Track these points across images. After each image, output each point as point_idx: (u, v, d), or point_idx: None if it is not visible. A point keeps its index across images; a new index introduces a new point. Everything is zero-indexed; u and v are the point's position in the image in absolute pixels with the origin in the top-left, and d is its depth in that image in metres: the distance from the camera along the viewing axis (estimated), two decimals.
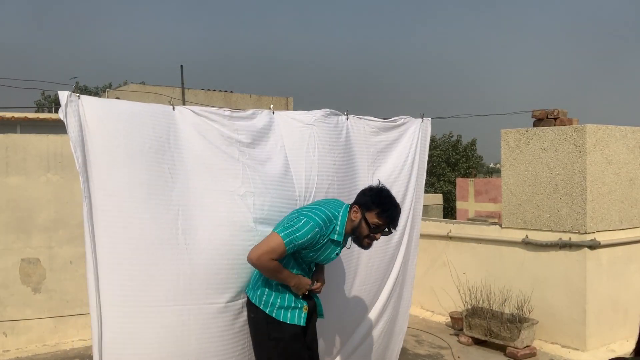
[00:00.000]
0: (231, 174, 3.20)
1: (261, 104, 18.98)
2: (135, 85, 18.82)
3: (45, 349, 5.55)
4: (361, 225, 2.98)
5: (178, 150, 3.12)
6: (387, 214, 2.97)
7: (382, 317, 4.06)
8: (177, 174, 3.10)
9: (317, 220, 2.91)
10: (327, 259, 3.08)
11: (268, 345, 3.01)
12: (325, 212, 2.98)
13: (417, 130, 4.10)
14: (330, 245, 3.01)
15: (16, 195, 5.50)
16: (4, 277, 5.48)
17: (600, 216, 5.47)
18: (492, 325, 5.49)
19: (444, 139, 26.59)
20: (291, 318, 3.00)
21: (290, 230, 2.88)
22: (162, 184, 3.04)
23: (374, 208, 2.96)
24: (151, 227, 2.98)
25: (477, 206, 14.40)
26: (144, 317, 2.97)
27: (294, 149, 3.42)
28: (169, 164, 3.08)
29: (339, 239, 2.98)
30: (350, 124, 3.80)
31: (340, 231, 2.98)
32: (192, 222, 3.07)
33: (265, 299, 3.01)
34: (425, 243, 6.75)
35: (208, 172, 3.17)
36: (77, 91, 2.98)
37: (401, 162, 4.00)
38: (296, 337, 3.02)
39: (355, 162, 3.76)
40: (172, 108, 3.19)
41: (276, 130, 3.48)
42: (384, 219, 2.96)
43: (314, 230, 2.88)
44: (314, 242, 2.91)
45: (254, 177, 3.24)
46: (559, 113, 5.97)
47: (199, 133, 3.20)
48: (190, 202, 3.09)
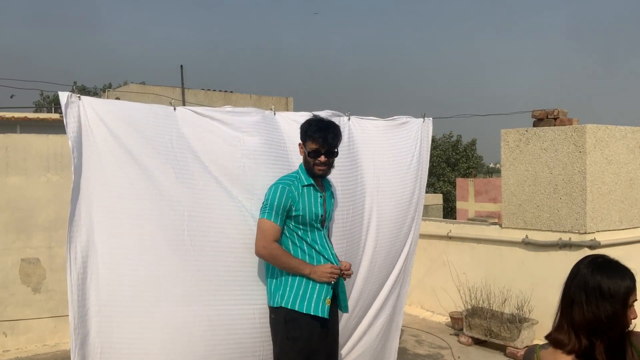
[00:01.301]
0: (234, 175, 3.21)
1: (261, 104, 18.98)
2: (135, 85, 18.80)
3: (45, 349, 5.55)
4: (306, 158, 3.12)
5: (181, 151, 3.12)
6: (320, 135, 3.06)
7: (381, 315, 4.06)
8: (182, 175, 3.09)
9: (277, 182, 3.09)
10: (316, 214, 3.10)
11: (286, 345, 3.00)
12: (283, 176, 3.17)
13: (419, 130, 4.10)
14: (307, 193, 3.10)
15: (16, 195, 5.50)
16: (4, 277, 5.48)
17: (600, 216, 5.47)
18: (492, 325, 5.49)
19: (444, 139, 26.59)
20: (307, 307, 2.98)
21: (263, 205, 3.04)
22: (168, 185, 3.03)
23: (307, 136, 3.10)
24: (157, 228, 2.97)
25: (477, 206, 14.40)
26: (149, 317, 2.95)
27: (297, 151, 3.43)
28: (173, 164, 3.07)
29: (308, 182, 3.11)
30: (352, 124, 3.80)
31: (304, 175, 3.13)
32: (198, 224, 3.06)
33: (281, 292, 3.02)
34: (425, 243, 6.75)
35: (211, 174, 3.17)
36: (76, 91, 2.97)
37: (407, 162, 4.00)
38: (313, 336, 3.00)
39: (358, 162, 3.75)
40: (173, 109, 3.19)
41: (279, 131, 3.48)
42: (314, 142, 3.07)
43: (278, 188, 3.03)
44: (289, 197, 3.01)
45: (254, 179, 3.24)
46: (559, 113, 5.97)
47: (200, 134, 3.20)
48: (196, 204, 3.08)
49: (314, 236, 3.11)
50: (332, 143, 3.08)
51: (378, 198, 3.82)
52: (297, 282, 3.02)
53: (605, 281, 1.75)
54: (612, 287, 1.74)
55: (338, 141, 3.12)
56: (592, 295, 1.75)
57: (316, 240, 3.11)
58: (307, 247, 3.09)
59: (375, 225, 3.81)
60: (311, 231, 3.11)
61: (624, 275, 1.77)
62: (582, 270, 1.81)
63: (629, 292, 1.75)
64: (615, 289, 1.74)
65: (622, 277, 1.76)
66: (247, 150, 3.27)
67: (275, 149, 3.40)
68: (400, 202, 3.95)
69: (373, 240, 3.80)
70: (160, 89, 17.65)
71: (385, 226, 3.86)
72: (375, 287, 3.94)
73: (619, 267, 1.79)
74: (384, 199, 3.85)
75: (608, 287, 1.74)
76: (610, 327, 1.74)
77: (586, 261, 1.84)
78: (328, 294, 3.04)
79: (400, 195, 3.94)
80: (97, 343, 2.91)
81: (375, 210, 3.81)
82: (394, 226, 3.93)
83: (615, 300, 1.73)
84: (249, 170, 3.23)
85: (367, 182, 3.76)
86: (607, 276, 1.76)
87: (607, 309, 1.73)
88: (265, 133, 3.39)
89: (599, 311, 1.74)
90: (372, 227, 3.80)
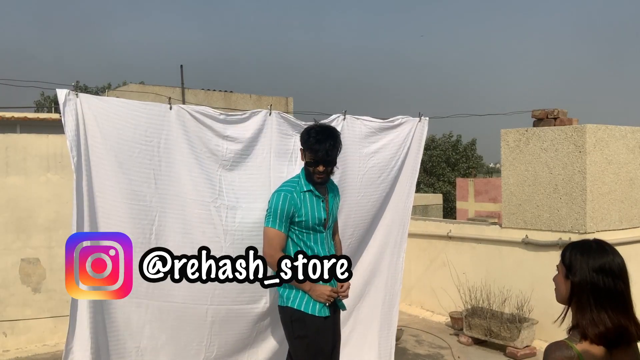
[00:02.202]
0: (210, 184, 3.36)
1: (261, 104, 18.96)
2: (135, 85, 18.79)
3: (45, 349, 5.55)
4: (307, 166, 3.16)
5: (166, 155, 3.25)
6: (318, 148, 3.10)
7: (362, 312, 4.17)
8: (161, 180, 3.24)
9: (279, 189, 3.17)
10: (319, 218, 3.17)
11: (296, 343, 3.16)
12: (285, 182, 3.25)
13: (412, 129, 4.12)
14: (309, 198, 3.15)
15: (16, 195, 5.50)
16: (4, 277, 5.48)
17: (600, 216, 5.47)
18: (492, 325, 5.49)
19: (444, 139, 26.57)
20: (312, 309, 3.11)
21: (267, 213, 3.13)
22: (145, 189, 3.19)
23: (306, 147, 3.16)
24: (127, 231, 3.10)
25: (477, 206, 14.41)
26: (119, 310, 3.22)
27: (280, 155, 3.59)
28: (155, 169, 3.21)
29: (307, 188, 3.17)
30: (346, 123, 3.82)
31: (304, 181, 3.19)
32: (165, 227, 3.24)
33: (287, 293, 3.15)
34: (425, 243, 6.75)
35: (190, 180, 3.32)
36: (75, 90, 2.98)
37: (392, 163, 4.06)
38: (320, 332, 3.13)
39: (346, 162, 3.79)
40: (170, 107, 3.23)
41: (265, 136, 3.57)
42: (312, 153, 3.12)
43: (280, 195, 3.10)
44: (292, 204, 3.08)
45: (228, 190, 3.40)
46: (559, 113, 5.97)
47: (188, 140, 3.32)
48: (167, 208, 3.25)
49: (315, 238, 3.19)
50: (331, 154, 3.13)
51: (358, 199, 3.92)
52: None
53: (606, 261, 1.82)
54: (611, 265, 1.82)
55: (337, 151, 3.17)
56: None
57: (317, 242, 3.20)
58: (306, 247, 3.17)
59: (352, 224, 3.92)
60: (313, 234, 3.19)
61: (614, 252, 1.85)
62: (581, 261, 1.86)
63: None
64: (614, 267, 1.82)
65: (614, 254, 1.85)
66: (226, 161, 3.43)
67: (255, 159, 3.53)
68: (378, 202, 4.04)
69: (349, 237, 3.92)
70: (160, 89, 17.62)
71: (361, 225, 3.98)
72: (358, 283, 4.03)
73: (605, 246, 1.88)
74: (364, 199, 3.95)
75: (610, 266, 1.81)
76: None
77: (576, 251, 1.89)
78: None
79: (379, 195, 4.03)
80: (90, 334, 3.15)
81: (354, 210, 3.91)
82: (369, 224, 4.04)
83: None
84: (222, 183, 3.39)
85: (351, 182, 3.86)
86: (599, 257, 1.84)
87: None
88: (252, 139, 3.52)
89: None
90: (349, 226, 3.91)
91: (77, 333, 3.12)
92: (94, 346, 3.12)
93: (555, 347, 1.86)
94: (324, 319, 3.15)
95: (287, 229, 3.12)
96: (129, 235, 3.05)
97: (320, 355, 3.14)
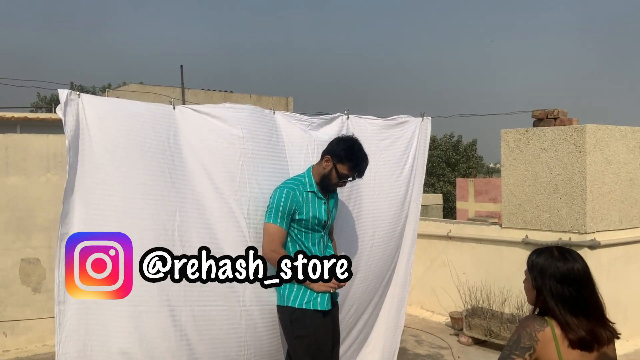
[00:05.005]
0: (229, 177, 3.21)
1: (261, 104, 18.95)
2: (135, 85, 18.80)
3: (45, 349, 5.55)
4: (331, 174, 3.17)
5: (178, 151, 3.12)
6: (359, 168, 3.18)
7: (374, 314, 4.12)
8: (176, 175, 3.09)
9: (282, 185, 3.16)
10: (319, 219, 3.18)
11: (295, 343, 3.15)
12: (288, 179, 3.25)
13: (417, 129, 4.11)
14: (312, 198, 3.16)
15: (16, 195, 5.50)
16: (4, 277, 5.48)
17: (600, 216, 5.47)
18: (492, 325, 5.49)
19: (445, 139, 26.57)
20: (314, 304, 3.12)
21: (269, 209, 3.12)
22: (161, 184, 3.03)
23: (346, 162, 3.14)
24: (147, 228, 2.98)
25: (477, 206, 14.42)
26: (135, 316, 2.96)
27: (294, 152, 3.48)
28: (168, 164, 3.07)
29: (312, 189, 3.18)
30: (350, 123, 3.82)
31: (310, 182, 3.19)
32: (188, 224, 3.08)
33: (287, 292, 3.14)
34: (425, 243, 6.75)
35: (206, 174, 3.17)
36: (76, 89, 2.97)
37: (403, 161, 4.03)
38: (319, 332, 3.13)
39: None
40: (173, 108, 3.19)
41: (278, 130, 3.49)
42: (354, 171, 3.16)
43: (283, 192, 3.10)
44: (294, 202, 3.08)
45: (251, 181, 3.25)
46: (559, 113, 5.98)
47: (199, 133, 3.20)
48: (187, 204, 3.09)
49: (313, 238, 3.21)
50: (363, 174, 3.24)
51: (374, 198, 3.86)
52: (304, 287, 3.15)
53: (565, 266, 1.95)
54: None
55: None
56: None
57: (315, 242, 3.21)
58: (302, 246, 3.18)
59: (372, 224, 3.85)
60: (312, 234, 3.20)
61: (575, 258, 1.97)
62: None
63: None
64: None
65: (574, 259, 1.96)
66: (245, 149, 3.27)
67: (273, 149, 3.42)
68: (395, 201, 3.99)
69: (370, 239, 3.84)
70: (160, 89, 17.64)
71: (382, 225, 3.91)
72: (372, 286, 3.97)
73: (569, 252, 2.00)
74: (379, 198, 3.89)
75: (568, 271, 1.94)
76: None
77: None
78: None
79: (395, 195, 3.98)
80: (79, 341, 2.92)
81: (372, 209, 3.85)
82: (389, 225, 3.97)
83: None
84: (247, 169, 3.25)
85: (363, 181, 3.79)
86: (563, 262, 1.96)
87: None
88: (263, 132, 3.40)
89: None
90: (369, 226, 3.84)
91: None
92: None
93: (532, 318, 1.95)
94: (324, 316, 3.15)
95: (288, 225, 3.12)
96: (150, 232, 2.95)
97: (320, 355, 3.14)
